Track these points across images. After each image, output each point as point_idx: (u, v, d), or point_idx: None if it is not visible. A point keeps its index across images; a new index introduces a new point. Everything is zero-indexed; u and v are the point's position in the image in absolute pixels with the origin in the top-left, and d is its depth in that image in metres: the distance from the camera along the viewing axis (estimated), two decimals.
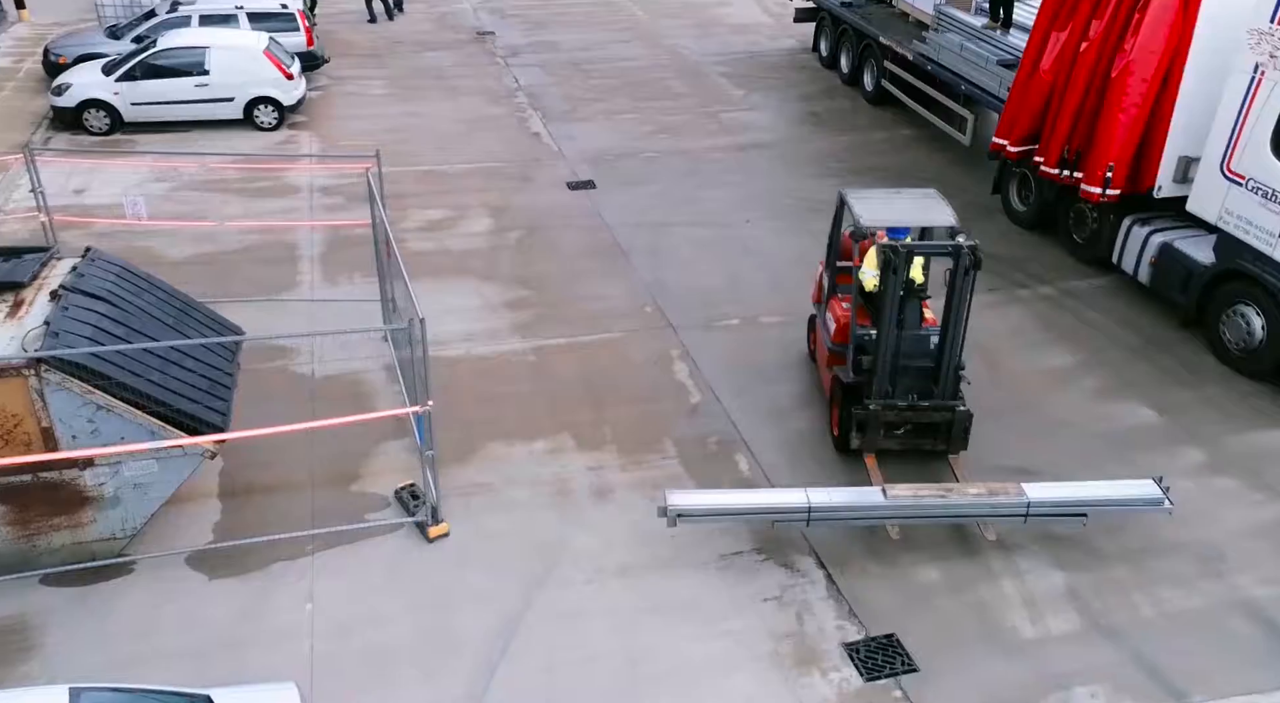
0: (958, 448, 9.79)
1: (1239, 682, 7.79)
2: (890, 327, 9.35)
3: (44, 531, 8.18)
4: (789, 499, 8.77)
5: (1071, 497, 8.84)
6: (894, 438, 9.83)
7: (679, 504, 8.65)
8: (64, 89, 16.90)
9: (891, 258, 9.11)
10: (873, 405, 9.57)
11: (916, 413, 9.67)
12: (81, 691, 5.73)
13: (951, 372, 9.56)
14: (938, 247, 9.66)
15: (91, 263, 8.93)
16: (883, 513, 8.82)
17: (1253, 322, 11.26)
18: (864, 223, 9.52)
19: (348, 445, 10.08)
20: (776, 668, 7.91)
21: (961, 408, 9.66)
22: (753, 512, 8.90)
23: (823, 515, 8.72)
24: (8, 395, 7.62)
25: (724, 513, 8.89)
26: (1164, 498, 8.79)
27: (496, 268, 13.83)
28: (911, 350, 9.75)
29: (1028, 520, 8.79)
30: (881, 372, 9.54)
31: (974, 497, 8.75)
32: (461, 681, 7.70)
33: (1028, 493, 8.69)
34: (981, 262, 9.06)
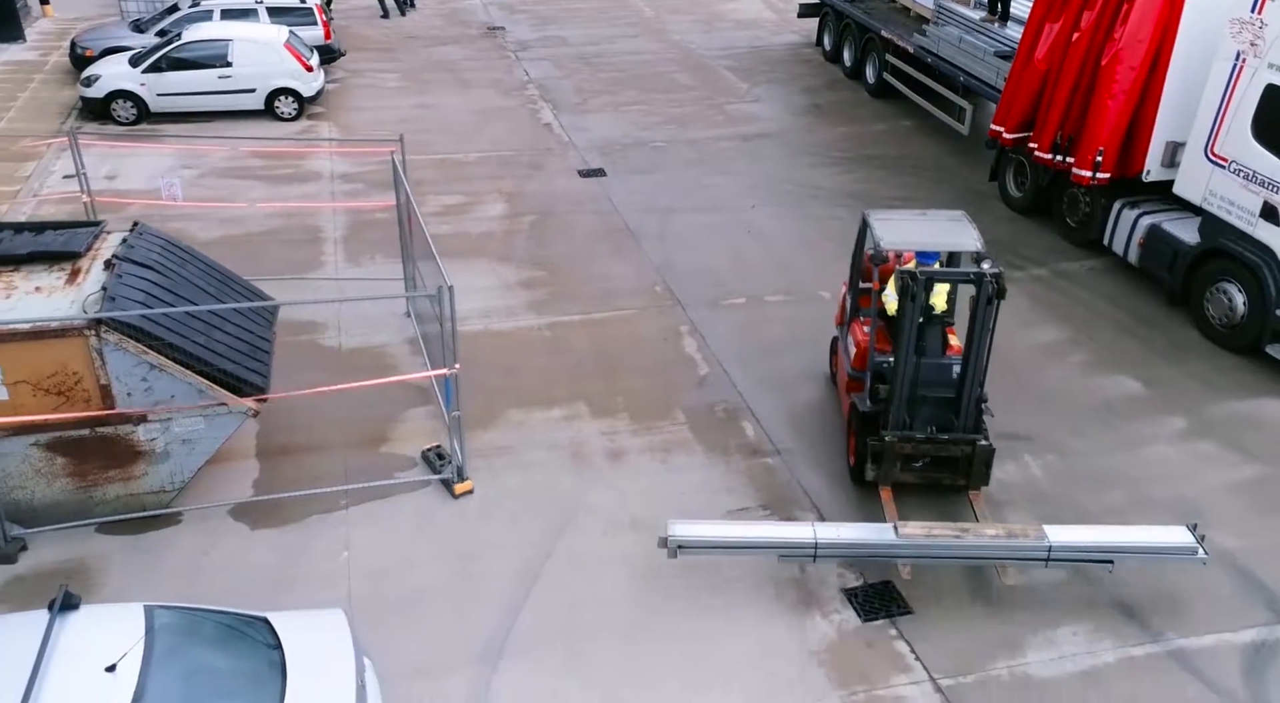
0: (978, 484, 9.28)
1: (1209, 623, 8.41)
2: (908, 355, 8.87)
3: (99, 482, 8.82)
4: (796, 534, 8.50)
5: (1097, 542, 8.38)
6: (911, 471, 9.37)
7: (680, 535, 8.34)
8: (93, 80, 17.57)
9: (910, 284, 8.64)
10: (889, 437, 9.08)
11: (935, 446, 9.15)
12: (154, 608, 6.37)
13: (972, 403, 9.02)
14: (958, 274, 9.31)
15: (139, 236, 9.57)
16: (893, 552, 8.42)
17: (1234, 298, 11.88)
18: (883, 245, 9.16)
19: (375, 412, 10.73)
20: (779, 608, 8.54)
21: (983, 442, 9.11)
22: (757, 546, 8.49)
23: (830, 552, 8.42)
24: (69, 354, 8.26)
25: (727, 546, 8.49)
26: (1198, 546, 8.26)
27: (512, 250, 14.46)
28: (932, 380, 9.24)
29: (1049, 564, 8.37)
30: (898, 401, 9.04)
31: (991, 538, 8.33)
32: (489, 619, 8.33)
33: (1049, 536, 8.26)
34: (1005, 290, 8.55)
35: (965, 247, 9.29)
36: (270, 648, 6.45)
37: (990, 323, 8.72)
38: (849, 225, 15.07)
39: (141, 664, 5.89)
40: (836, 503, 9.71)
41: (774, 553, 8.46)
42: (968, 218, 9.60)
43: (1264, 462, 10.29)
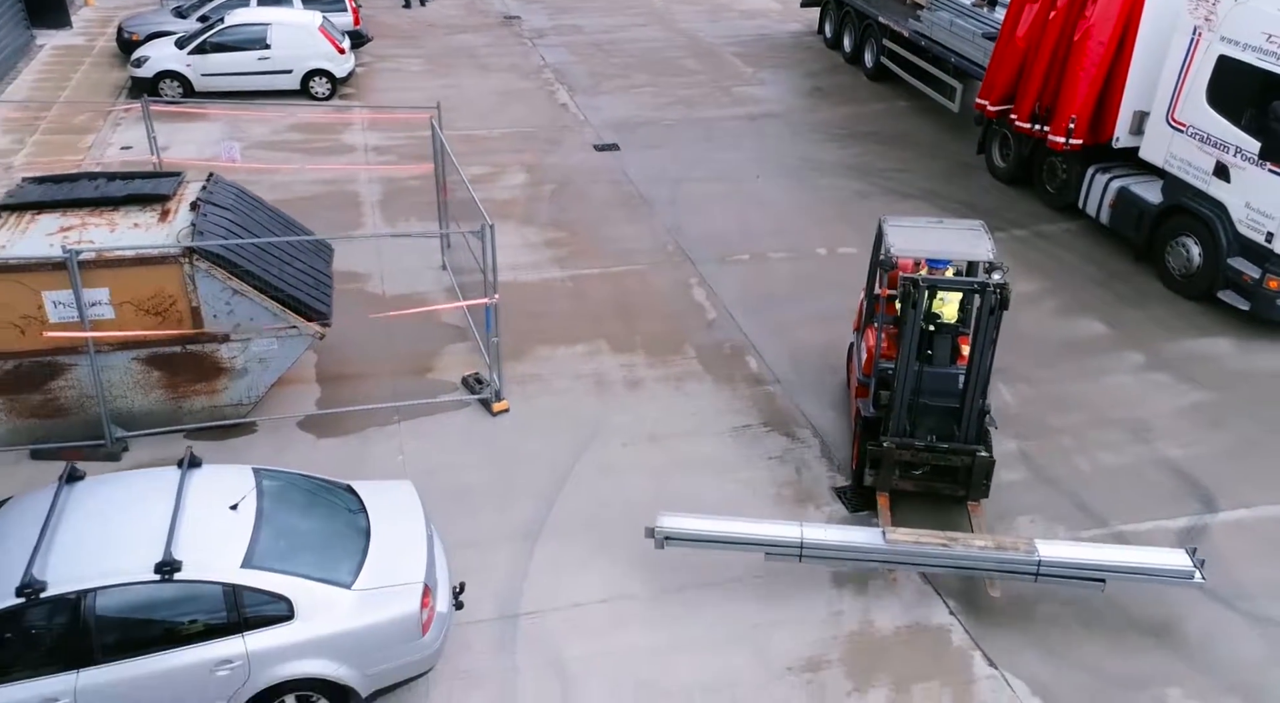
0: (977, 495, 9.30)
1: (1149, 513, 9.80)
2: (909, 361, 8.96)
3: (188, 394, 10.25)
4: (783, 533, 8.49)
5: (1089, 560, 8.24)
6: (910, 479, 9.41)
7: (668, 527, 8.49)
8: (142, 62, 19.03)
9: (911, 291, 8.76)
10: (888, 443, 9.17)
11: (934, 455, 9.17)
12: (260, 469, 7.79)
13: (974, 414, 9.04)
14: (962, 282, 9.22)
15: (215, 184, 11.01)
16: (880, 557, 8.47)
17: (1191, 250, 13.26)
18: (894, 252, 9.25)
19: (418, 346, 12.17)
20: (779, 503, 9.94)
21: (983, 453, 9.10)
22: (744, 542, 8.54)
23: (815, 553, 8.46)
24: (166, 279, 9.69)
25: (714, 540, 8.56)
26: (1195, 570, 8.08)
27: (534, 214, 15.87)
28: (935, 389, 9.29)
29: (1039, 579, 8.30)
30: (899, 408, 9.12)
31: (979, 550, 8.29)
32: (527, 511, 9.73)
33: (1040, 551, 8.20)
34: (1009, 301, 8.63)
35: (978, 256, 9.24)
36: (355, 505, 7.86)
37: (993, 333, 8.74)
38: (847, 194, 16.67)
39: (256, 506, 7.32)
40: (829, 423, 11.08)
41: (760, 551, 8.51)
42: (985, 228, 9.66)
43: (1209, 389, 11.68)
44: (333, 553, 7.30)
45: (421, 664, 7.41)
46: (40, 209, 10.13)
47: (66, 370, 9.83)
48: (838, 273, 14.03)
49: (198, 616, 6.75)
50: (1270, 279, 12.18)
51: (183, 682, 6.70)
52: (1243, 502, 9.96)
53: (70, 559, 6.70)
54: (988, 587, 8.54)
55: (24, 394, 9.81)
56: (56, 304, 9.48)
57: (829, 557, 8.52)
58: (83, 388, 9.91)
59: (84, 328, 9.51)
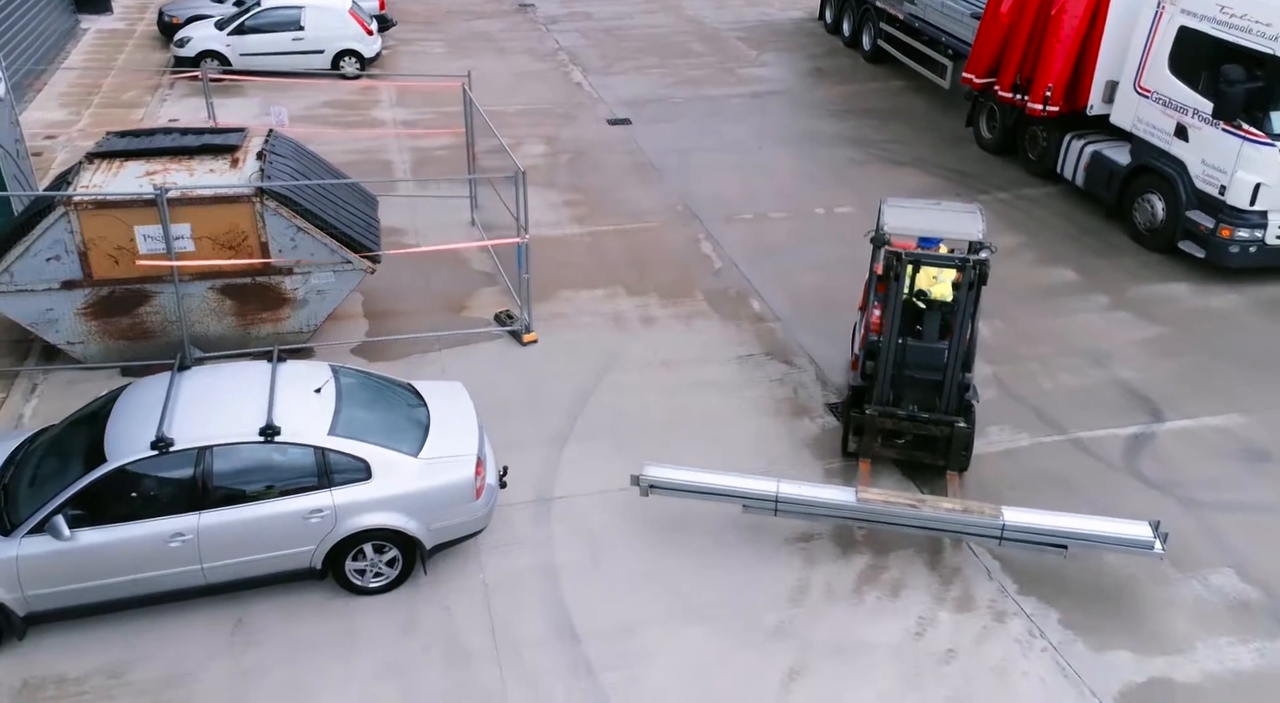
0: (955, 465, 9.84)
1: (1104, 423, 11.26)
2: (893, 334, 9.45)
3: (255, 322, 11.74)
4: (760, 487, 8.99)
5: (1053, 527, 8.63)
6: (893, 447, 9.97)
7: (652, 476, 9.09)
8: (185, 42, 20.58)
9: (894, 264, 9.23)
10: (870, 411, 9.75)
11: (915, 424, 9.71)
12: (337, 367, 9.28)
13: (955, 386, 9.55)
14: (942, 257, 9.66)
15: (276, 138, 12.51)
16: (851, 514, 8.94)
17: (1156, 206, 14.72)
18: (886, 230, 9.69)
19: (452, 289, 13.67)
20: (778, 415, 11.41)
21: (961, 425, 9.61)
22: (723, 493, 9.10)
23: (790, 508, 8.95)
24: (239, 216, 11.18)
25: (695, 490, 9.13)
26: (1154, 542, 8.44)
27: (554, 179, 17.36)
28: (921, 362, 9.78)
29: (1003, 543, 8.77)
30: (883, 378, 9.63)
31: (946, 512, 8.75)
32: (556, 422, 11.20)
33: (1005, 517, 8.62)
34: (987, 276, 9.18)
35: (969, 235, 9.62)
36: (415, 399, 9.35)
37: (972, 308, 9.28)
38: (844, 162, 18.17)
39: (335, 391, 8.81)
40: (823, 353, 12.53)
41: (738, 502, 9.10)
42: (981, 211, 10.10)
43: (1165, 325, 13.14)
44: (400, 430, 8.79)
45: (474, 525, 8.89)
46: (126, 157, 11.61)
47: (152, 297, 11.32)
48: (834, 230, 15.51)
49: (294, 472, 8.24)
50: (1223, 228, 13.63)
51: (283, 526, 8.19)
52: (1186, 414, 11.42)
53: (190, 424, 8.19)
54: (953, 547, 9.25)
55: (116, 318, 11.31)
56: (146, 237, 10.97)
57: (803, 513, 9.06)
58: (166, 313, 11.40)
59: (169, 258, 11.00)
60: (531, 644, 8.39)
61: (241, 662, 8.09)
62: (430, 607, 8.71)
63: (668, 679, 8.09)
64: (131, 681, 7.88)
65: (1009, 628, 8.65)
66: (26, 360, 11.70)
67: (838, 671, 8.22)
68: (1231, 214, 13.56)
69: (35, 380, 11.41)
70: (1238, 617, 8.77)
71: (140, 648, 8.12)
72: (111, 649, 8.10)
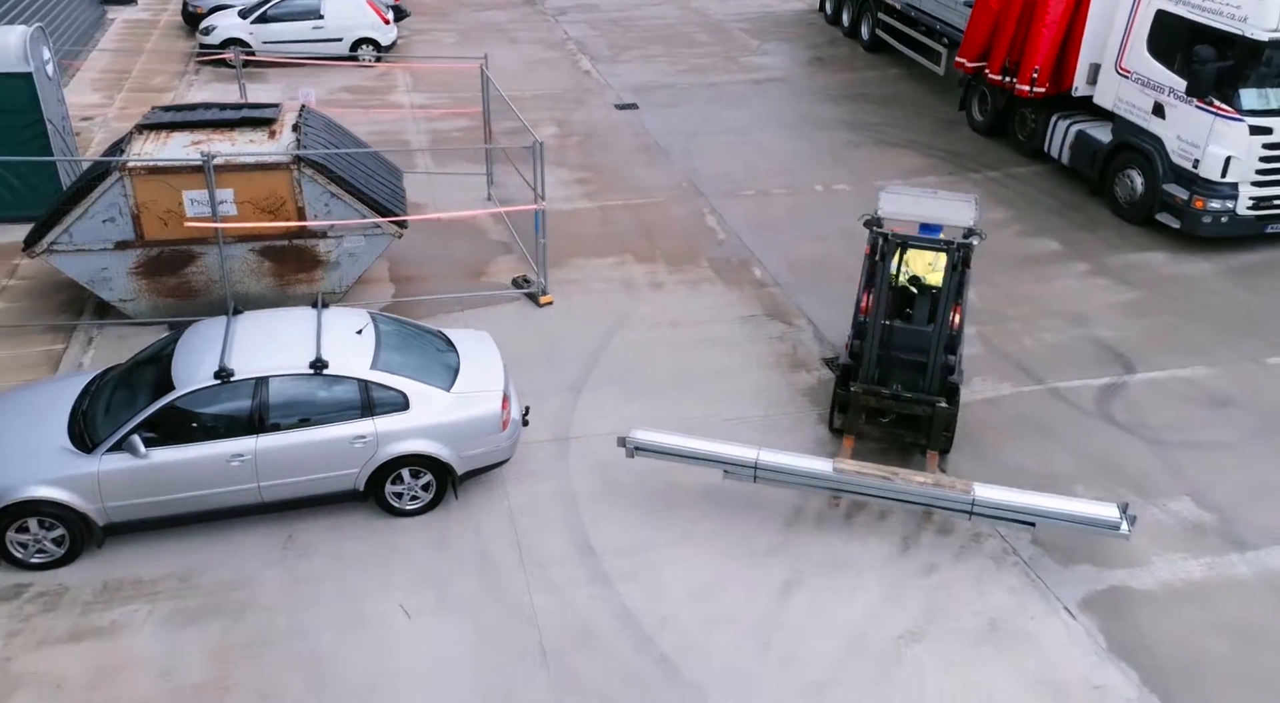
0: (937, 445, 10.13)
1: (1078, 374, 12.23)
2: (879, 313, 9.86)
3: (291, 283, 12.71)
4: (741, 454, 9.39)
5: (1022, 504, 8.90)
6: (878, 425, 10.31)
7: (639, 439, 9.54)
8: (210, 30, 21.60)
9: (880, 245, 9.67)
10: (855, 389, 10.17)
11: (898, 403, 10.04)
12: (375, 314, 10.26)
13: (938, 367, 9.89)
14: (928, 241, 10.00)
15: (309, 112, 13.50)
16: (826, 483, 9.33)
17: (1135, 180, 15.68)
18: (880, 214, 10.08)
19: (471, 256, 14.65)
20: (778, 369, 12.37)
21: (943, 405, 9.89)
22: (705, 458, 9.52)
23: (768, 474, 9.34)
24: (278, 182, 12.15)
25: (678, 454, 9.56)
26: (1120, 523, 8.69)
27: (565, 159, 18.34)
28: (907, 344, 10.14)
29: (972, 517, 9.15)
30: (869, 358, 10.01)
31: (918, 485, 9.08)
32: (572, 373, 12.17)
33: (976, 492, 8.93)
34: (970, 259, 9.72)
35: (959, 222, 9.94)
36: (446, 343, 10.33)
37: (954, 289, 9.71)
38: (841, 143, 19.15)
39: (374, 333, 9.79)
40: (820, 314, 13.48)
41: (719, 468, 9.53)
42: (977, 200, 10.41)
43: (1141, 289, 14.11)
44: (434, 368, 9.77)
45: (500, 454, 9.87)
46: (173, 129, 12.58)
47: (198, 258, 12.30)
48: (832, 206, 16.48)
49: (340, 402, 9.22)
50: (1196, 199, 14.60)
51: (330, 449, 9.17)
52: (1156, 367, 12.38)
53: (247, 358, 9.17)
54: (925, 520, 9.66)
55: (164, 277, 12.30)
56: (193, 201, 11.94)
57: (781, 480, 9.46)
58: (209, 273, 12.38)
59: (214, 221, 11.98)
60: (554, 559, 9.36)
61: (295, 571, 9.07)
62: (461, 527, 9.68)
63: (676, 589, 9.05)
64: (199, 584, 8.86)
65: (985, 547, 9.61)
66: (82, 316, 12.69)
67: (828, 581, 9.18)
68: (1204, 186, 14.52)
69: (90, 334, 12.39)
70: (1191, 537, 9.74)
71: (205, 557, 9.10)
72: (180, 558, 9.08)
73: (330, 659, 8.21)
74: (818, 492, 9.75)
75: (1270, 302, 13.80)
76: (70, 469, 8.66)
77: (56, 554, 8.85)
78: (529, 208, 13.53)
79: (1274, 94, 14.14)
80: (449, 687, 8.03)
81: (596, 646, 8.46)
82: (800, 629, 8.66)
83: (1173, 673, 8.29)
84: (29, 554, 8.81)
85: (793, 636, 8.60)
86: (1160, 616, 8.85)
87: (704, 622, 8.69)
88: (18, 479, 8.57)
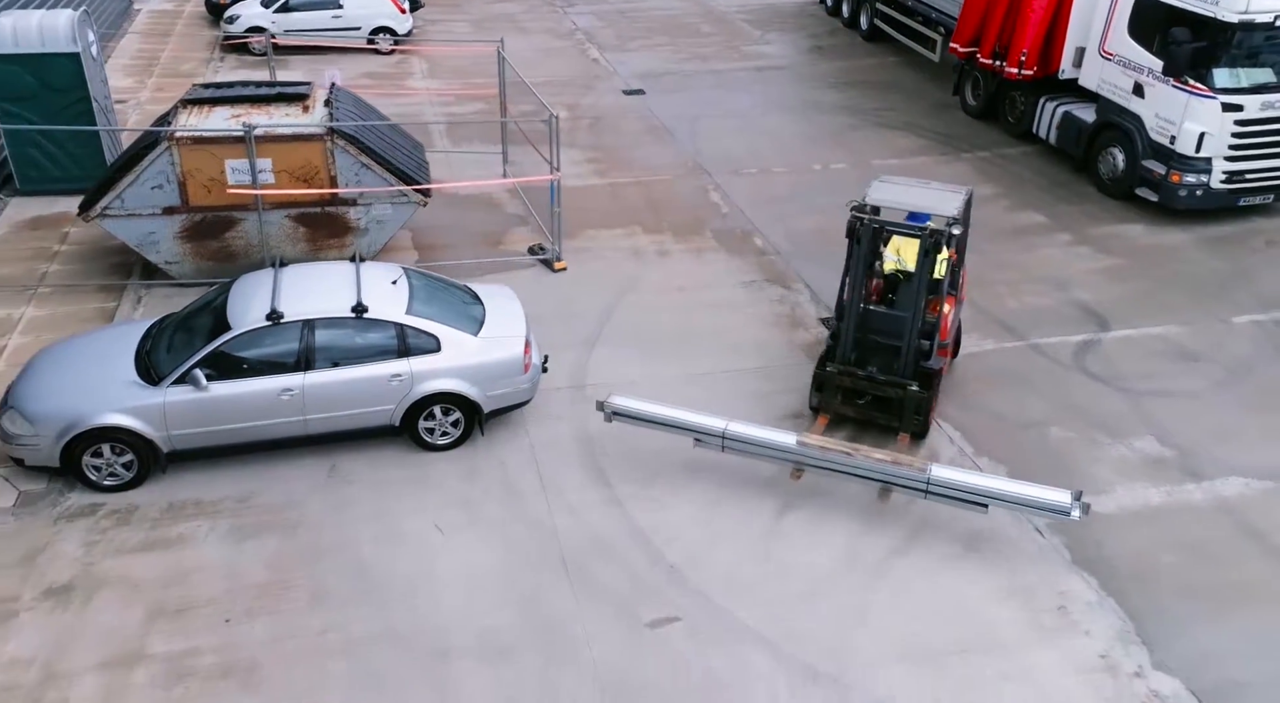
0: (908, 428, 10.50)
1: (1059, 331, 13.24)
2: (855, 296, 10.34)
3: (324, 248, 13.72)
4: (711, 423, 9.89)
5: (976, 485, 9.20)
6: (853, 406, 10.74)
7: (617, 404, 10.21)
8: (234, 19, 22.65)
9: (856, 227, 10.11)
10: (831, 369, 10.70)
11: (872, 385, 10.50)
12: (407, 268, 11.27)
13: (912, 351, 10.25)
14: (902, 225, 10.34)
15: (338, 89, 14.52)
16: (789, 456, 9.74)
17: (1117, 157, 16.67)
18: (868, 200, 10.44)
19: (488, 228, 15.68)
20: (777, 327, 13.38)
21: (914, 388, 10.27)
22: (677, 425, 10.05)
23: (735, 445, 9.82)
24: (312, 153, 13.16)
25: (652, 420, 10.14)
26: (1070, 509, 8.86)
27: (576, 140, 19.34)
28: (888, 329, 10.52)
29: (928, 496, 9.43)
30: (845, 339, 10.51)
31: (876, 462, 9.43)
32: (586, 330, 13.17)
33: (932, 472, 9.24)
34: (941, 245, 10.05)
35: (942, 211, 10.25)
36: (472, 296, 11.35)
37: (927, 275, 10.08)
38: (840, 126, 20.17)
39: (408, 284, 10.80)
40: (817, 279, 14.46)
41: (689, 436, 10.05)
42: (967, 192, 10.82)
43: (1120, 257, 15.11)
44: (462, 316, 10.79)
45: (522, 395, 10.89)
46: (214, 104, 13.61)
47: (238, 223, 13.32)
48: (829, 182, 17.48)
49: (378, 342, 10.24)
50: (1173, 173, 15.58)
51: (370, 386, 10.19)
52: (1131, 326, 13.38)
53: (294, 302, 10.20)
54: (881, 497, 9.83)
55: (206, 240, 13.32)
56: (234, 170, 12.96)
57: (747, 450, 9.89)
58: (248, 238, 13.40)
59: (254, 188, 12.99)
60: (572, 487, 10.37)
61: (338, 495, 10.09)
62: (487, 460, 10.70)
63: (683, 512, 10.05)
64: (254, 505, 9.89)
65: None
66: (131, 277, 13.71)
67: (821, 506, 10.16)
68: (1180, 161, 15.51)
69: (139, 294, 13.42)
70: (1153, 469, 10.74)
71: (258, 483, 10.14)
72: (235, 484, 10.12)
73: (375, 567, 9.23)
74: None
75: (1239, 267, 14.81)
76: (139, 400, 9.69)
77: (126, 478, 9.88)
78: (545, 179, 14.54)
79: (1245, 73, 15.13)
80: (481, 590, 9.04)
81: (612, 557, 9.47)
82: (795, 546, 9.66)
83: (1128, 580, 9.29)
84: (102, 477, 9.84)
85: (788, 551, 9.59)
86: (1120, 534, 9.84)
87: (708, 538, 9.70)
88: (93, 408, 9.60)
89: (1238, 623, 8.89)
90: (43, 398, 9.74)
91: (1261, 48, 15.05)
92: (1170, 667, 8.46)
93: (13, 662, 8.14)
